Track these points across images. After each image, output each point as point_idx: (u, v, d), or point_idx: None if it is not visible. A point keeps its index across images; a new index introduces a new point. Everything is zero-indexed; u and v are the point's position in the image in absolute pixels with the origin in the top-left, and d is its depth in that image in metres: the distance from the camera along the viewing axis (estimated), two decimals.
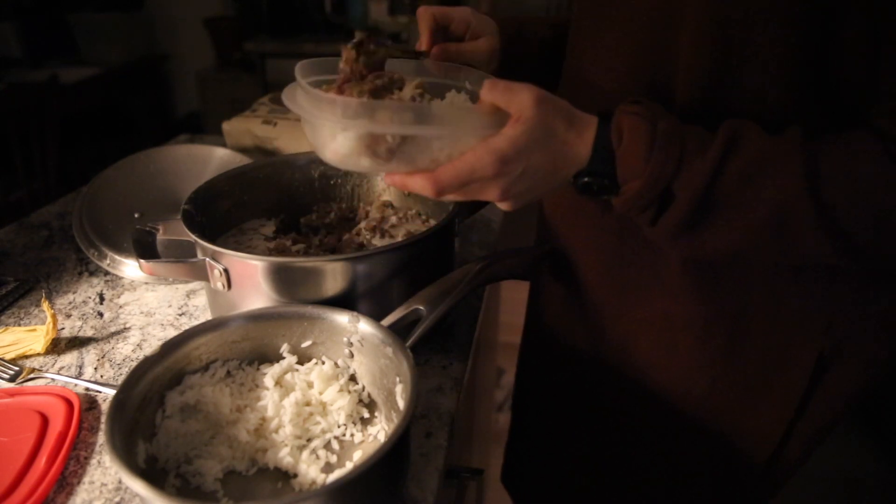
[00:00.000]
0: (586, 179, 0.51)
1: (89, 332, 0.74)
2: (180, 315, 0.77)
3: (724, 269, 0.60)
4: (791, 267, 0.58)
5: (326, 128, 0.51)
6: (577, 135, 0.50)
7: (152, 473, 0.51)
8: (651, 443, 0.72)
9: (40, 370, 0.67)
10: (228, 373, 0.60)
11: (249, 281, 0.63)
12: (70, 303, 0.80)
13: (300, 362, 0.61)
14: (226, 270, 0.64)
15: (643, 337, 0.67)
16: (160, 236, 0.71)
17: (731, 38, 0.49)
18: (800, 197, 0.45)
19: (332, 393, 0.58)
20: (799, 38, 0.47)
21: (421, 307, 0.61)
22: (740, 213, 0.48)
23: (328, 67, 0.61)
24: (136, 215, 0.92)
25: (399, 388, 0.54)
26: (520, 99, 0.48)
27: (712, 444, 0.68)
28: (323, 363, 0.60)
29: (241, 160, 0.98)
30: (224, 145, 1.16)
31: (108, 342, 0.72)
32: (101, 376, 0.66)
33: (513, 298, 1.51)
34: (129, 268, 0.84)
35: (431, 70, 0.64)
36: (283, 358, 0.61)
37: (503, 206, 0.52)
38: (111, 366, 0.68)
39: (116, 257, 0.85)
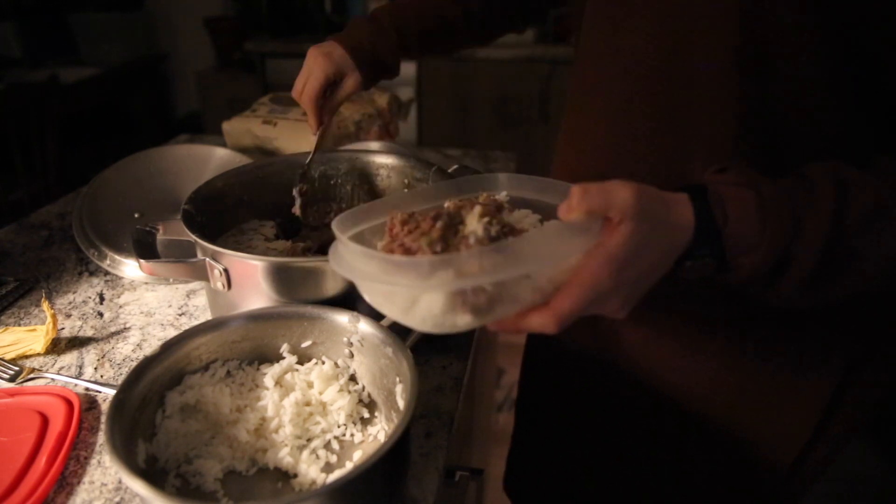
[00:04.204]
0: (689, 264, 0.46)
1: (89, 332, 0.74)
2: (180, 315, 0.77)
3: None
4: None
5: (402, 294, 0.43)
6: (677, 219, 0.45)
7: (152, 473, 0.51)
8: (666, 448, 0.70)
9: (40, 370, 0.67)
10: (228, 373, 0.60)
11: (249, 281, 0.63)
12: (70, 303, 0.80)
13: (300, 362, 0.61)
14: (226, 270, 0.64)
15: (665, 340, 0.65)
16: (160, 236, 0.71)
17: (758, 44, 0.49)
18: None
19: (332, 393, 0.58)
20: (823, 47, 0.47)
21: None
22: (864, 259, 0.45)
23: (365, 216, 0.51)
24: (136, 215, 0.92)
25: (399, 388, 0.54)
26: (619, 198, 0.42)
27: (733, 450, 0.67)
28: (323, 363, 0.60)
29: (241, 160, 0.98)
30: (224, 145, 1.16)
31: (108, 342, 0.72)
32: (101, 376, 0.66)
33: None
34: (129, 268, 0.84)
35: (449, 190, 0.54)
36: (283, 358, 0.61)
37: (619, 316, 0.46)
38: (111, 366, 0.68)
39: (116, 257, 0.85)
